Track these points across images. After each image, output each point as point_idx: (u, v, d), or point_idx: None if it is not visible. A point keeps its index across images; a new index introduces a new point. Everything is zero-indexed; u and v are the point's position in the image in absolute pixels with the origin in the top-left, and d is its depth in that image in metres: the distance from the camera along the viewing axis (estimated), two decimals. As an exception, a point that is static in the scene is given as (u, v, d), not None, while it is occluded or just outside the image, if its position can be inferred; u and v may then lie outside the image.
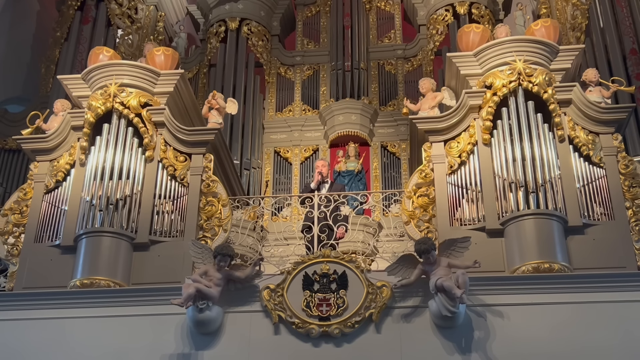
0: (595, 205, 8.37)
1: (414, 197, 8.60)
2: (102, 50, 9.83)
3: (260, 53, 14.39)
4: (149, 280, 8.32)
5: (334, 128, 13.17)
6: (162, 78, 9.38)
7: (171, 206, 8.85)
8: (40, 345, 7.97)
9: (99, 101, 9.06)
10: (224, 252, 7.87)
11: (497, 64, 8.89)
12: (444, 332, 7.65)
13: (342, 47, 14.01)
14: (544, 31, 9.23)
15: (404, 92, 13.60)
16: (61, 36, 14.42)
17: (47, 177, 9.16)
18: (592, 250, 8.04)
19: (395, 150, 13.23)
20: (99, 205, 8.52)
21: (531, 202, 8.07)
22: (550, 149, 8.45)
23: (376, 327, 7.75)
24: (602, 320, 7.57)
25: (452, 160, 8.69)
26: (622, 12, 12.20)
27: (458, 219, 8.44)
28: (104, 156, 8.85)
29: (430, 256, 7.63)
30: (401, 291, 7.85)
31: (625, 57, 11.79)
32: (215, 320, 7.80)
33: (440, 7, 14.14)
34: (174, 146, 9.11)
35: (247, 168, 12.86)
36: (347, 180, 12.36)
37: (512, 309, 7.70)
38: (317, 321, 7.74)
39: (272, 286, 7.93)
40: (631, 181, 8.42)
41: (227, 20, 14.53)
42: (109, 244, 8.35)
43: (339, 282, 7.87)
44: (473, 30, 9.53)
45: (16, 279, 8.55)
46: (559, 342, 7.49)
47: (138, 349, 7.85)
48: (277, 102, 14.12)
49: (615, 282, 7.74)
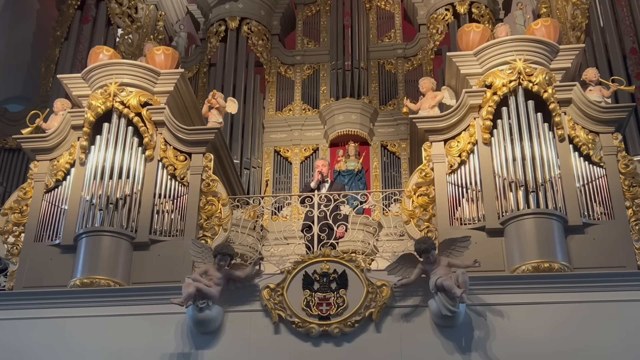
0: (595, 204, 8.37)
1: (414, 196, 8.59)
2: (102, 50, 9.82)
3: (261, 52, 14.38)
4: (149, 279, 8.32)
5: (334, 127, 13.16)
6: (162, 77, 9.37)
7: (171, 205, 8.85)
8: (40, 344, 7.96)
9: (99, 100, 9.06)
10: (224, 251, 7.87)
11: (497, 63, 8.89)
12: (444, 331, 7.65)
13: (342, 46, 13.98)
14: (544, 30, 9.23)
15: (404, 92, 13.58)
16: (61, 35, 14.41)
17: (47, 176, 9.16)
18: (592, 249, 8.04)
19: (395, 149, 13.21)
20: (99, 204, 8.51)
21: (531, 202, 8.07)
22: (550, 149, 8.44)
23: (376, 327, 7.75)
24: (602, 319, 7.57)
25: (452, 160, 8.68)
26: (622, 11, 12.19)
27: (458, 219, 8.43)
28: (104, 155, 8.84)
29: (430, 255, 7.63)
30: (401, 290, 7.84)
31: (625, 57, 11.78)
32: (215, 319, 7.80)
33: (440, 7, 14.13)
34: (174, 145, 9.11)
35: (247, 167, 12.85)
36: (347, 179, 12.35)
37: (512, 309, 7.70)
38: (317, 320, 7.74)
39: (272, 285, 7.92)
40: (631, 180, 8.42)
41: (227, 19, 14.52)
42: (109, 243, 8.35)
43: (339, 281, 7.87)
44: (473, 30, 9.52)
45: (16, 278, 8.55)
46: (559, 342, 7.49)
47: (138, 349, 7.84)
48: (277, 101, 14.10)
49: (615, 281, 7.74)
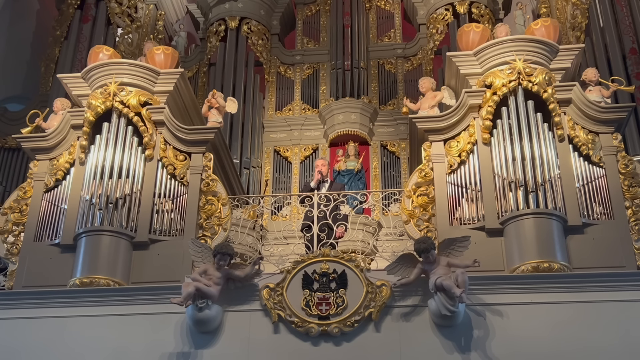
0: (594, 204, 8.37)
1: (413, 196, 8.59)
2: (101, 49, 9.83)
3: (260, 52, 14.37)
4: (149, 279, 8.32)
5: (334, 127, 13.16)
6: (161, 77, 9.37)
7: (171, 205, 8.85)
8: (39, 344, 7.96)
9: (99, 100, 9.06)
10: (224, 251, 7.88)
11: (497, 63, 8.89)
12: (443, 331, 7.65)
13: (342, 46, 13.98)
14: (543, 30, 9.23)
15: (403, 91, 13.58)
16: (61, 35, 14.40)
17: (47, 175, 9.16)
18: (591, 249, 8.05)
19: (395, 149, 13.21)
20: (99, 204, 8.51)
21: (531, 202, 8.07)
22: (550, 149, 8.45)
23: (376, 326, 7.75)
24: (601, 319, 7.57)
25: (451, 160, 8.68)
26: (621, 11, 12.20)
27: (458, 218, 8.44)
28: (104, 155, 8.84)
29: (430, 255, 7.63)
30: (401, 290, 7.84)
31: (625, 57, 11.79)
32: (214, 319, 7.80)
33: (440, 6, 14.12)
34: (173, 145, 9.11)
35: (246, 167, 12.85)
36: (346, 179, 12.35)
37: (512, 308, 7.70)
38: (316, 320, 7.74)
39: (271, 285, 7.92)
40: (631, 181, 8.43)
41: (227, 19, 14.51)
42: (109, 242, 8.35)
43: (338, 281, 7.87)
44: (473, 30, 9.52)
45: (16, 277, 8.55)
46: (559, 342, 7.49)
47: (138, 348, 7.84)
48: (277, 101, 14.09)
49: (615, 281, 7.75)
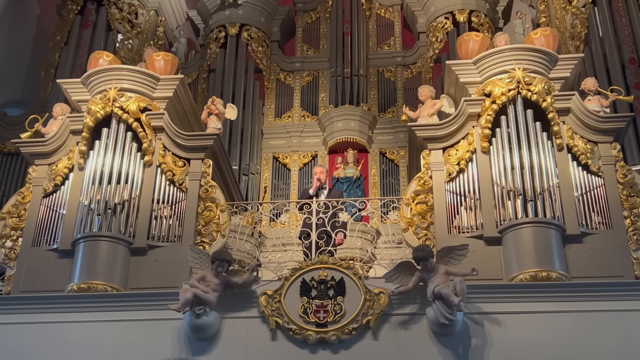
0: (593, 214, 8.38)
1: (412, 204, 8.60)
2: (101, 55, 9.84)
3: (260, 59, 14.38)
4: (147, 285, 8.31)
5: (333, 134, 13.16)
6: (161, 83, 9.39)
7: (169, 211, 8.84)
8: (37, 349, 7.95)
9: (98, 105, 9.07)
10: (222, 257, 7.87)
11: (497, 72, 8.91)
12: (441, 339, 7.65)
13: (342, 53, 13.99)
14: (543, 40, 9.25)
15: (403, 99, 13.59)
16: (61, 40, 14.41)
17: (46, 180, 9.16)
18: (589, 259, 8.05)
19: (394, 157, 13.21)
20: (97, 209, 8.51)
21: (529, 211, 8.07)
22: (549, 158, 8.46)
23: (373, 334, 7.75)
24: (599, 329, 7.57)
25: (450, 168, 8.69)
26: (621, 21, 12.23)
27: (456, 227, 8.44)
28: (103, 160, 8.85)
29: (428, 263, 7.63)
30: (399, 298, 7.84)
31: (624, 66, 11.81)
32: (212, 325, 7.79)
33: (440, 15, 14.14)
34: (172, 151, 9.11)
35: (245, 173, 12.84)
36: (345, 186, 12.34)
37: (510, 317, 7.70)
38: (314, 327, 7.73)
39: (269, 292, 7.92)
40: (629, 190, 8.44)
41: (227, 25, 14.52)
42: (107, 248, 8.34)
43: (336, 288, 7.86)
44: (472, 38, 9.55)
45: (13, 282, 8.54)
46: (556, 351, 7.49)
47: (135, 354, 7.83)
48: (277, 107, 14.09)
49: (613, 291, 7.75)
